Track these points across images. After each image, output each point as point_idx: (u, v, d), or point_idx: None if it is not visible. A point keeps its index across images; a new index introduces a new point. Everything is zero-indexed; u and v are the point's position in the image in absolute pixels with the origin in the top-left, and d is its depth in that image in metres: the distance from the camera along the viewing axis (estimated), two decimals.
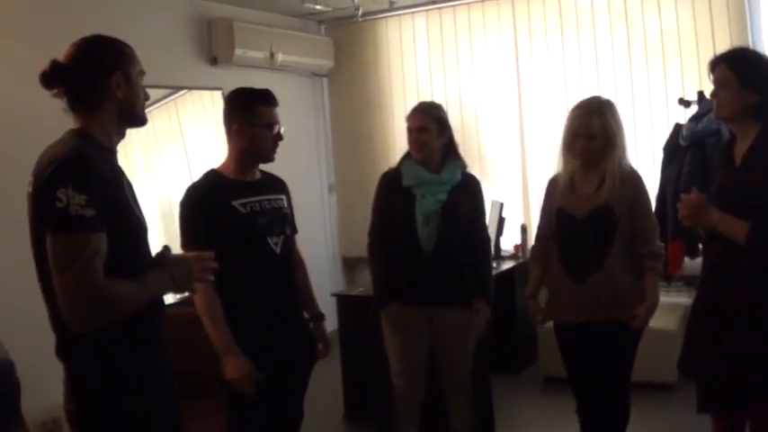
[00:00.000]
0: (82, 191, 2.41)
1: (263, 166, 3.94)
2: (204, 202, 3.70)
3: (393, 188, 4.57)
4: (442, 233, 4.43)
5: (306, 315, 4.11)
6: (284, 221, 3.89)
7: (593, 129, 4.11)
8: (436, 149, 4.51)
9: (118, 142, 2.77)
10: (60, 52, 2.67)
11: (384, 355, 4.70)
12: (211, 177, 3.85)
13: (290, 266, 3.93)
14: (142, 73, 2.79)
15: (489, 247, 4.80)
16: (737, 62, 3.50)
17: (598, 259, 4.15)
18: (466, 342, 4.57)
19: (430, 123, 4.48)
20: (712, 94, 3.60)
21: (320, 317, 4.16)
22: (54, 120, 2.73)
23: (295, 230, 4.06)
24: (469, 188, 4.60)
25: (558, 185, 4.34)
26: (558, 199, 4.32)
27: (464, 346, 4.57)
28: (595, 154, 4.16)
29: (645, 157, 6.91)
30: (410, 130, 4.54)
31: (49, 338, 2.63)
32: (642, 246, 4.17)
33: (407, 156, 4.61)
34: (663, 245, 4.29)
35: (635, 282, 4.18)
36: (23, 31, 5.42)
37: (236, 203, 3.72)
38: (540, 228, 4.54)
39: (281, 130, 3.82)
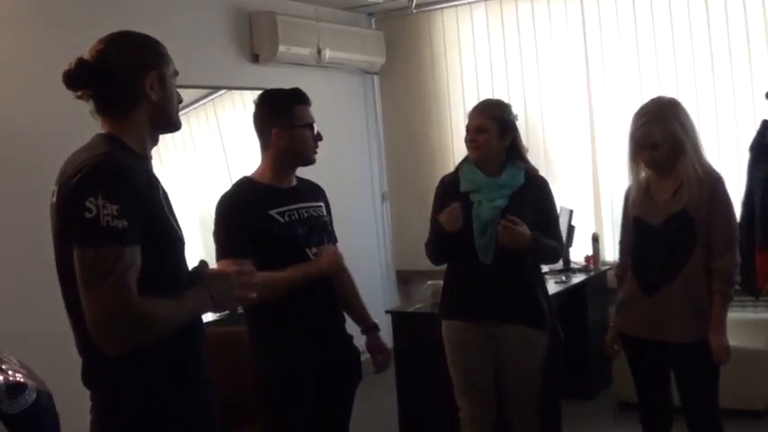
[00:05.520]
0: (113, 200, 2.37)
1: (299, 172, 3.97)
2: (241, 211, 3.73)
3: (450, 194, 4.54)
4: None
5: (359, 327, 4.16)
6: (323, 230, 3.92)
7: (655, 138, 4.09)
8: (495, 152, 4.47)
9: (151, 148, 2.75)
10: (85, 49, 2.65)
11: (444, 377, 4.67)
12: (245, 185, 3.88)
13: (330, 278, 3.94)
14: (176, 73, 2.77)
15: (561, 250, 4.72)
16: None
17: (673, 271, 4.11)
18: (532, 363, 4.49)
19: (489, 124, 4.43)
20: None
21: (374, 327, 4.19)
22: (77, 124, 2.72)
23: (335, 240, 4.07)
24: (535, 190, 4.52)
25: (631, 195, 4.35)
26: (634, 208, 4.31)
27: (530, 367, 4.49)
28: (664, 162, 4.14)
29: (729, 159, 6.79)
30: (467, 129, 4.52)
31: (75, 363, 2.63)
32: (713, 259, 4.08)
33: (467, 158, 4.59)
34: (738, 261, 4.16)
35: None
36: (45, 27, 5.39)
37: (273, 212, 3.76)
38: (621, 244, 4.52)
39: (318, 130, 3.87)
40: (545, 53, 7.89)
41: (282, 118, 3.80)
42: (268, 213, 3.74)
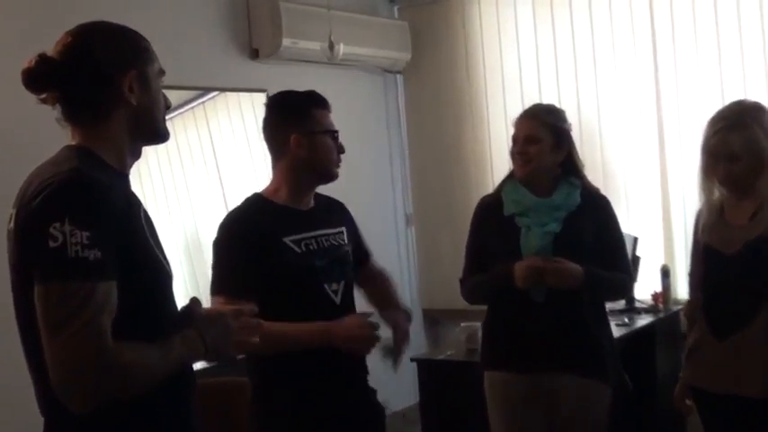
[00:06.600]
0: (84, 226, 2.34)
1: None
2: (249, 237, 3.70)
3: (492, 218, 4.54)
4: None
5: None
6: (344, 263, 3.91)
7: (732, 148, 4.02)
8: (547, 167, 4.46)
9: (132, 164, 2.73)
10: (51, 43, 2.62)
11: None
12: (256, 204, 3.87)
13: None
14: (162, 73, 2.76)
15: (630, 282, 4.69)
16: None
17: (749, 310, 4.05)
18: (594, 423, 4.48)
19: (543, 133, 4.42)
20: None
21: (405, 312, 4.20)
22: (43, 134, 2.70)
23: (366, 253, 4.14)
24: (595, 211, 4.51)
25: (702, 219, 4.30)
26: (705, 234, 4.27)
27: (592, 428, 4.48)
28: (743, 178, 4.08)
29: None
30: (515, 140, 4.49)
31: (36, 420, 2.60)
32: None
33: (510, 176, 4.56)
34: None
35: None
36: (2, 16, 5.39)
37: (288, 240, 3.73)
38: (691, 276, 4.48)
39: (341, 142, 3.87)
40: (604, 49, 7.84)
41: (301, 123, 3.77)
42: (282, 241, 3.72)
